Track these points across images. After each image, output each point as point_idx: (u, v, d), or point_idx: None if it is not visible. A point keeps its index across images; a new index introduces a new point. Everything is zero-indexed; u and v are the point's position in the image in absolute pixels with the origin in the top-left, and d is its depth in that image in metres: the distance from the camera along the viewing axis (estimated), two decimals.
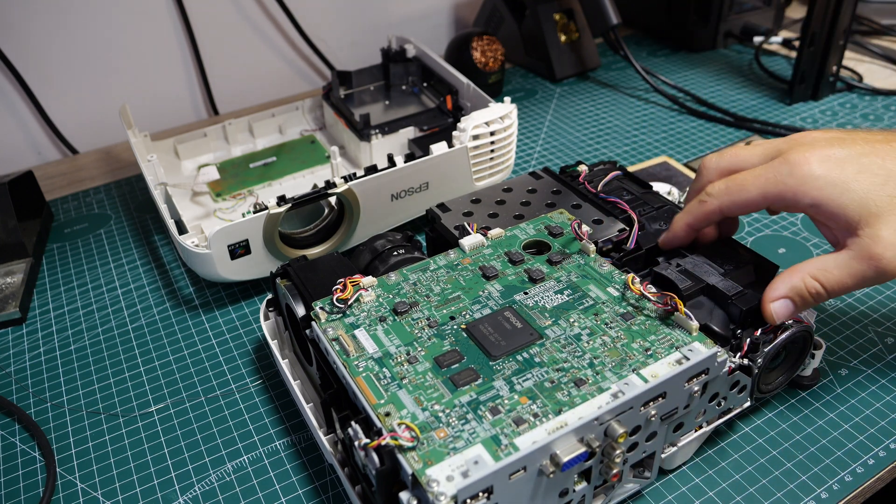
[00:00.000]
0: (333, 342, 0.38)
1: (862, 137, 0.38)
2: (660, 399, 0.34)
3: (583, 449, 0.32)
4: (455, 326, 0.39)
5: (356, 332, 0.38)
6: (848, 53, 0.90)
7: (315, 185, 0.58)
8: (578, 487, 0.34)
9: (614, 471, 0.34)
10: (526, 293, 0.41)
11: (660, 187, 0.55)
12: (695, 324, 0.37)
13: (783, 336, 0.39)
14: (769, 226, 0.61)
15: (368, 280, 0.41)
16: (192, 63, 0.87)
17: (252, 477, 0.43)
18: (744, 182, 0.39)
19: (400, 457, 0.31)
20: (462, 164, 0.59)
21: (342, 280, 0.40)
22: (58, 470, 0.44)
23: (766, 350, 0.39)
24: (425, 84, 0.76)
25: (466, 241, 0.45)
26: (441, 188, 0.59)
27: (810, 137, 0.38)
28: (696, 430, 0.40)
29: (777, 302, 0.38)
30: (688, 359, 0.35)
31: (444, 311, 0.40)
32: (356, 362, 0.37)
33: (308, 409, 0.41)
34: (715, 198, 0.40)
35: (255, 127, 0.75)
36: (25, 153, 0.83)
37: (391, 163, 0.57)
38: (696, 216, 0.41)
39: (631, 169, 0.69)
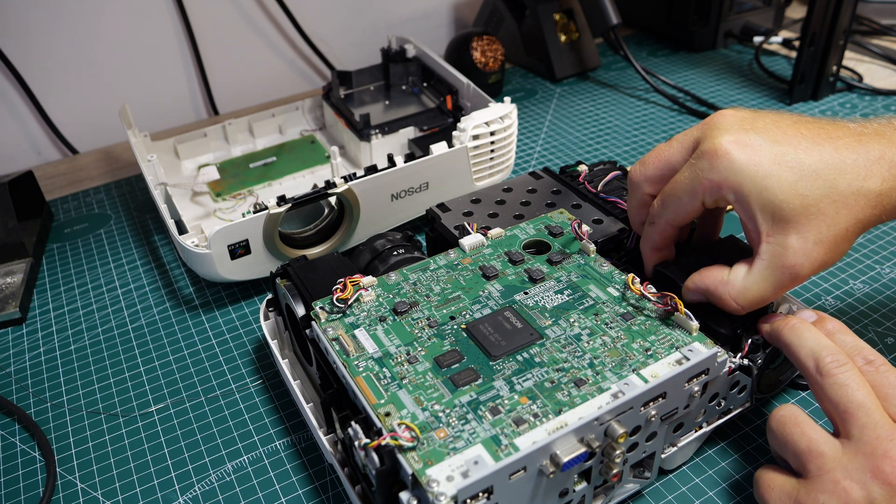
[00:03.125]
0: (333, 342, 0.38)
1: (772, 120, 0.37)
2: (660, 399, 0.34)
3: (583, 449, 0.32)
4: (455, 326, 0.39)
5: (356, 331, 0.38)
6: (848, 53, 0.90)
7: (315, 185, 0.58)
8: (578, 487, 0.34)
9: (614, 471, 0.34)
10: (526, 293, 0.41)
11: None
12: (695, 324, 0.37)
13: None
14: None
15: (368, 280, 0.41)
16: (192, 63, 0.87)
17: (252, 477, 0.43)
18: (674, 191, 0.38)
19: (400, 457, 0.31)
20: (462, 164, 0.59)
21: (342, 280, 0.40)
22: (58, 470, 0.44)
23: (766, 350, 0.39)
24: (425, 84, 0.76)
25: (466, 241, 0.45)
26: (441, 188, 0.59)
27: (722, 120, 0.38)
28: (696, 431, 0.40)
29: (693, 293, 0.39)
30: (688, 359, 0.35)
31: (444, 311, 0.40)
32: (356, 362, 0.37)
33: (308, 409, 0.41)
34: (659, 216, 0.40)
35: (255, 127, 0.75)
36: (25, 153, 0.83)
37: (391, 163, 0.57)
38: (654, 239, 0.41)
39: None
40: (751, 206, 0.36)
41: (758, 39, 0.93)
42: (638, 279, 0.39)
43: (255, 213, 0.51)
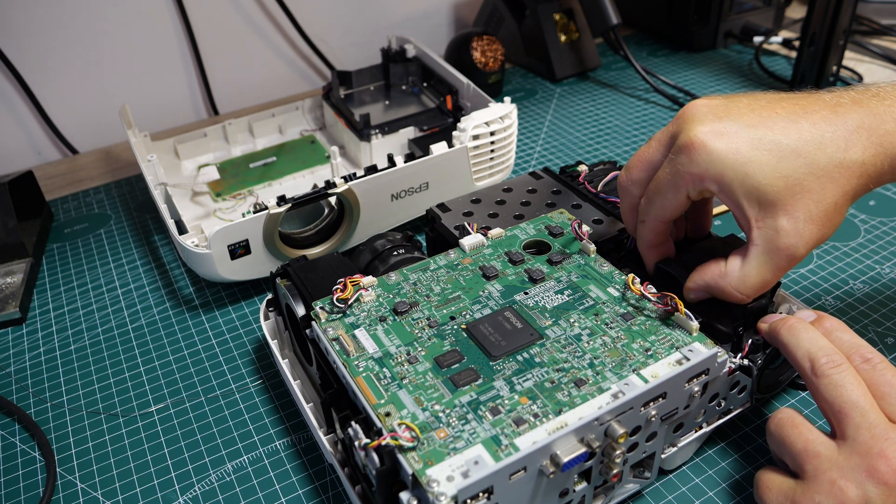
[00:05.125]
0: (333, 342, 0.38)
1: (746, 104, 0.37)
2: (660, 399, 0.34)
3: (583, 449, 0.32)
4: (455, 326, 0.39)
5: (356, 331, 0.38)
6: (848, 53, 0.90)
7: (315, 185, 0.58)
8: (578, 488, 0.34)
9: (614, 471, 0.34)
10: (526, 293, 0.41)
11: None
12: (695, 324, 0.37)
13: None
14: None
15: (368, 280, 0.41)
16: (192, 63, 0.87)
17: (252, 477, 0.43)
18: (657, 188, 0.39)
19: (400, 457, 0.31)
20: (462, 164, 0.59)
21: (342, 280, 0.40)
22: (58, 470, 0.44)
23: (766, 351, 0.39)
24: (425, 84, 0.76)
25: (466, 241, 0.45)
26: (441, 188, 0.59)
27: (694, 111, 0.37)
28: (696, 431, 0.40)
29: (695, 293, 0.39)
30: (688, 359, 0.35)
31: (445, 311, 0.40)
32: (356, 362, 0.37)
33: (308, 409, 0.41)
34: (647, 214, 0.40)
35: (255, 127, 0.75)
36: (25, 153, 0.83)
37: (391, 163, 0.57)
38: (647, 238, 0.41)
39: None
40: (735, 194, 0.36)
41: (758, 39, 0.93)
42: (638, 279, 0.39)
43: (255, 213, 0.51)
